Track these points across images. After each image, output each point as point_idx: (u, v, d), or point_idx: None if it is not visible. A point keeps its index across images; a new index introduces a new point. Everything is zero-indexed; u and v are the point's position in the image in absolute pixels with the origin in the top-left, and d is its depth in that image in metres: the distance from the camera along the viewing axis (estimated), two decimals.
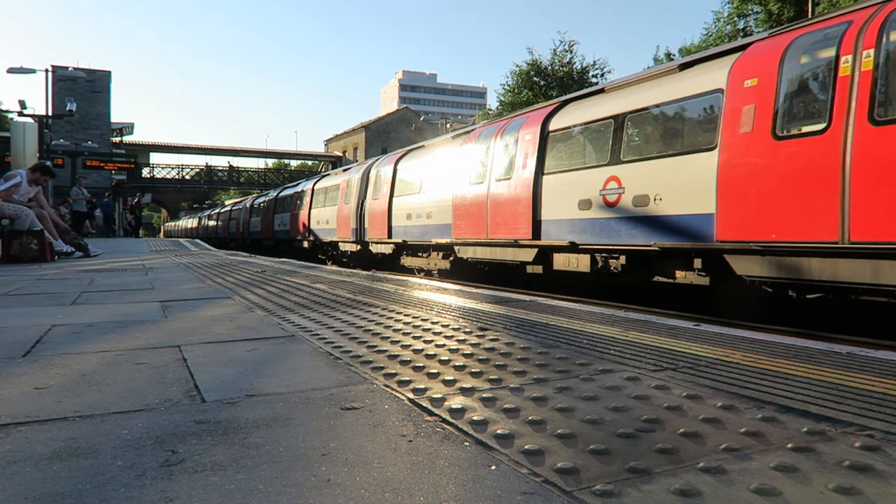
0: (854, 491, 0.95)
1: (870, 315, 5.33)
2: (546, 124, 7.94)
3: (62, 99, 27.89)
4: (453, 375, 1.72)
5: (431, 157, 11.22)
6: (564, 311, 3.09)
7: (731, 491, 0.96)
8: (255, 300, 3.58)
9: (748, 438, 1.19)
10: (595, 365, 1.85)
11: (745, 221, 5.16)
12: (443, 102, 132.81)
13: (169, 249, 12.56)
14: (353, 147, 54.97)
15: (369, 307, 3.25)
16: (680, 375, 1.71)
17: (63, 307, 3.31)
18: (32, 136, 17.86)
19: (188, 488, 0.98)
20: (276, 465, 1.07)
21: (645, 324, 2.67)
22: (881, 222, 4.26)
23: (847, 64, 4.66)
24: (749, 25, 28.22)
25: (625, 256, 6.79)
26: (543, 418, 1.32)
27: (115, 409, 1.42)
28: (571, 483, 0.99)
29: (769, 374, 1.71)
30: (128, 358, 1.98)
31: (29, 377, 1.73)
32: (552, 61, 31.84)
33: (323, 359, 1.96)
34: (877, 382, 1.62)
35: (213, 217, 37.48)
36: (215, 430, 1.27)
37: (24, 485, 1.00)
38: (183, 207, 54.29)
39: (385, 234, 12.42)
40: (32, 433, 1.25)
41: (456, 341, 2.24)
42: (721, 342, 2.22)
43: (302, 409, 1.42)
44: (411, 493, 0.96)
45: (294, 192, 20.28)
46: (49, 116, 22.51)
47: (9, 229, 7.70)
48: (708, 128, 5.77)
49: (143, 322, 2.76)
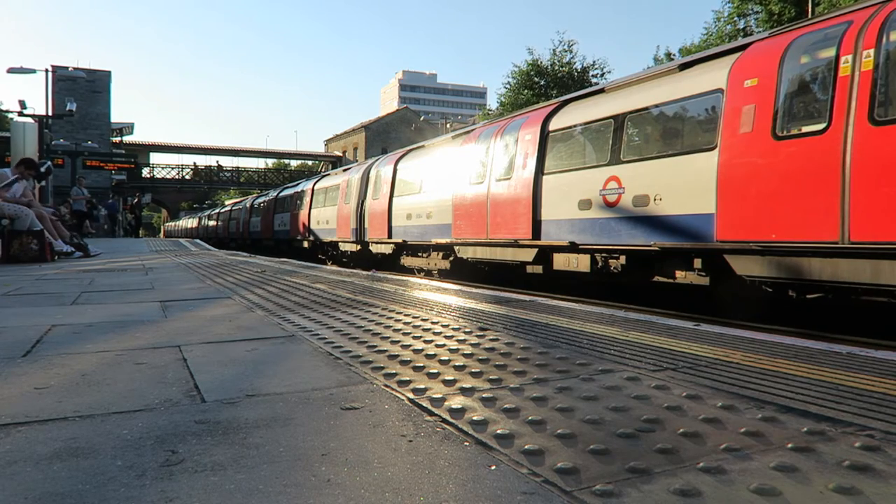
0: (854, 491, 0.95)
1: (870, 315, 5.33)
2: (546, 124, 7.94)
3: (62, 99, 27.88)
4: (453, 375, 1.72)
5: (431, 157, 11.22)
6: (564, 311, 3.09)
7: (731, 491, 0.96)
8: (255, 300, 3.58)
9: (748, 438, 1.19)
10: (595, 365, 1.85)
11: (745, 221, 5.16)
12: (443, 102, 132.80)
13: (169, 249, 12.56)
14: (353, 147, 54.98)
15: (369, 307, 3.25)
16: (680, 375, 1.71)
17: (63, 307, 3.31)
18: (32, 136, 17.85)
19: (188, 488, 0.98)
20: (276, 465, 1.07)
21: (645, 324, 2.67)
22: (882, 222, 4.26)
23: (847, 64, 4.66)
24: (749, 25, 28.23)
25: (625, 256, 6.79)
26: (543, 418, 1.32)
27: (115, 409, 1.42)
28: (571, 483, 0.99)
29: (769, 374, 1.71)
30: (128, 358, 1.98)
31: (29, 377, 1.72)
32: (552, 61, 31.84)
33: (323, 359, 1.96)
34: (877, 382, 1.62)
35: (213, 217, 37.48)
36: (215, 430, 1.27)
37: (24, 485, 1.00)
38: (183, 207, 54.28)
39: (385, 234, 12.41)
40: (32, 433, 1.25)
41: (456, 341, 2.24)
42: (721, 342, 2.22)
43: (302, 409, 1.42)
44: (411, 493, 0.96)
45: (294, 193, 20.29)
46: (49, 116, 22.50)
47: (9, 229, 7.70)
48: (708, 128, 5.77)
49: (143, 322, 2.76)
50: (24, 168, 8.65)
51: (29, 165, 8.83)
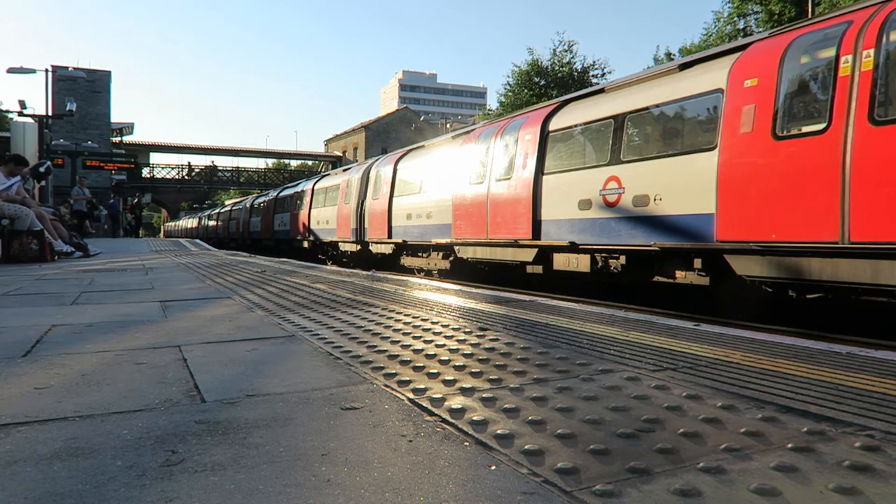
0: (854, 491, 0.95)
1: (870, 315, 5.33)
2: (546, 124, 7.94)
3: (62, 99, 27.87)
4: (453, 375, 1.72)
5: (431, 157, 11.20)
6: (564, 311, 3.09)
7: (731, 491, 0.96)
8: (255, 300, 3.58)
9: (748, 438, 1.19)
10: (595, 365, 1.85)
11: (745, 221, 5.16)
12: (443, 102, 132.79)
13: (169, 249, 12.56)
14: (353, 147, 54.96)
15: (369, 307, 3.25)
16: (680, 375, 1.71)
17: (63, 307, 3.31)
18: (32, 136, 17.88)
19: (188, 488, 0.98)
20: (276, 465, 1.07)
21: (645, 324, 2.67)
22: (882, 222, 4.26)
23: (847, 64, 4.65)
24: (749, 25, 28.22)
25: (625, 256, 6.79)
26: (543, 418, 1.32)
27: (115, 409, 1.42)
28: (571, 483, 0.99)
29: (769, 374, 1.71)
30: (128, 358, 1.98)
31: (29, 377, 1.72)
32: (552, 61, 31.83)
33: (323, 359, 1.96)
34: (877, 382, 1.62)
35: (213, 217, 37.46)
36: (215, 430, 1.27)
37: (24, 485, 1.00)
38: (183, 207, 54.25)
39: (385, 234, 12.40)
40: (32, 433, 1.25)
41: (456, 341, 2.24)
42: (721, 342, 2.22)
43: (302, 409, 1.42)
44: (411, 493, 0.96)
45: (294, 193, 20.28)
46: (49, 116, 22.50)
47: (9, 229, 7.70)
48: (708, 128, 5.77)
49: (144, 322, 2.76)
50: (14, 165, 8.53)
51: (18, 161, 8.71)
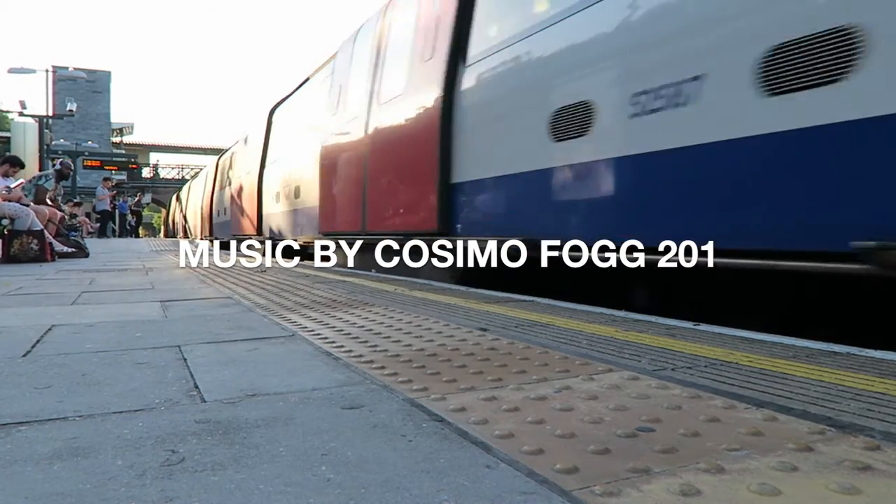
0: (854, 491, 0.95)
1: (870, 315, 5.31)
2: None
3: (62, 99, 27.92)
4: (453, 375, 1.72)
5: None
6: (564, 311, 3.09)
7: (731, 491, 0.96)
8: (255, 300, 3.58)
9: (748, 438, 1.19)
10: (595, 364, 1.85)
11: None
12: None
13: (169, 249, 12.56)
14: None
15: (369, 307, 3.26)
16: (679, 375, 1.71)
17: (63, 307, 3.32)
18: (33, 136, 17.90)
19: (188, 488, 0.98)
20: (276, 465, 1.07)
21: (644, 324, 2.67)
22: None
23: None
24: None
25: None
26: (543, 418, 1.32)
27: (116, 408, 1.42)
28: (571, 483, 0.99)
29: (769, 374, 1.71)
30: (128, 358, 1.98)
31: (29, 377, 1.73)
32: None
33: (323, 358, 1.97)
34: (877, 382, 1.62)
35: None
36: (215, 429, 1.27)
37: (24, 485, 1.00)
38: None
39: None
40: (32, 433, 1.25)
41: (456, 341, 2.24)
42: (720, 342, 2.22)
43: (302, 408, 1.42)
44: (411, 492, 0.96)
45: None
46: (49, 116, 22.54)
47: (9, 229, 7.70)
48: None
49: (144, 322, 2.76)
50: (9, 166, 8.55)
51: (14, 163, 8.73)
